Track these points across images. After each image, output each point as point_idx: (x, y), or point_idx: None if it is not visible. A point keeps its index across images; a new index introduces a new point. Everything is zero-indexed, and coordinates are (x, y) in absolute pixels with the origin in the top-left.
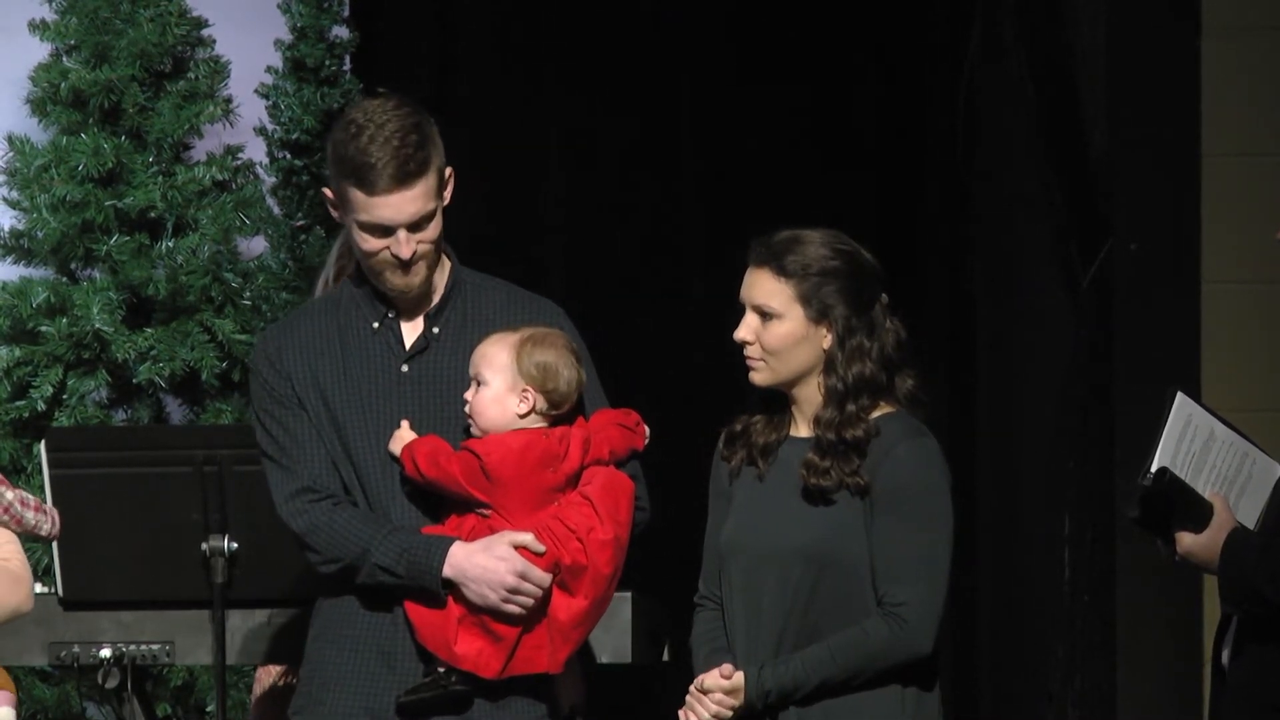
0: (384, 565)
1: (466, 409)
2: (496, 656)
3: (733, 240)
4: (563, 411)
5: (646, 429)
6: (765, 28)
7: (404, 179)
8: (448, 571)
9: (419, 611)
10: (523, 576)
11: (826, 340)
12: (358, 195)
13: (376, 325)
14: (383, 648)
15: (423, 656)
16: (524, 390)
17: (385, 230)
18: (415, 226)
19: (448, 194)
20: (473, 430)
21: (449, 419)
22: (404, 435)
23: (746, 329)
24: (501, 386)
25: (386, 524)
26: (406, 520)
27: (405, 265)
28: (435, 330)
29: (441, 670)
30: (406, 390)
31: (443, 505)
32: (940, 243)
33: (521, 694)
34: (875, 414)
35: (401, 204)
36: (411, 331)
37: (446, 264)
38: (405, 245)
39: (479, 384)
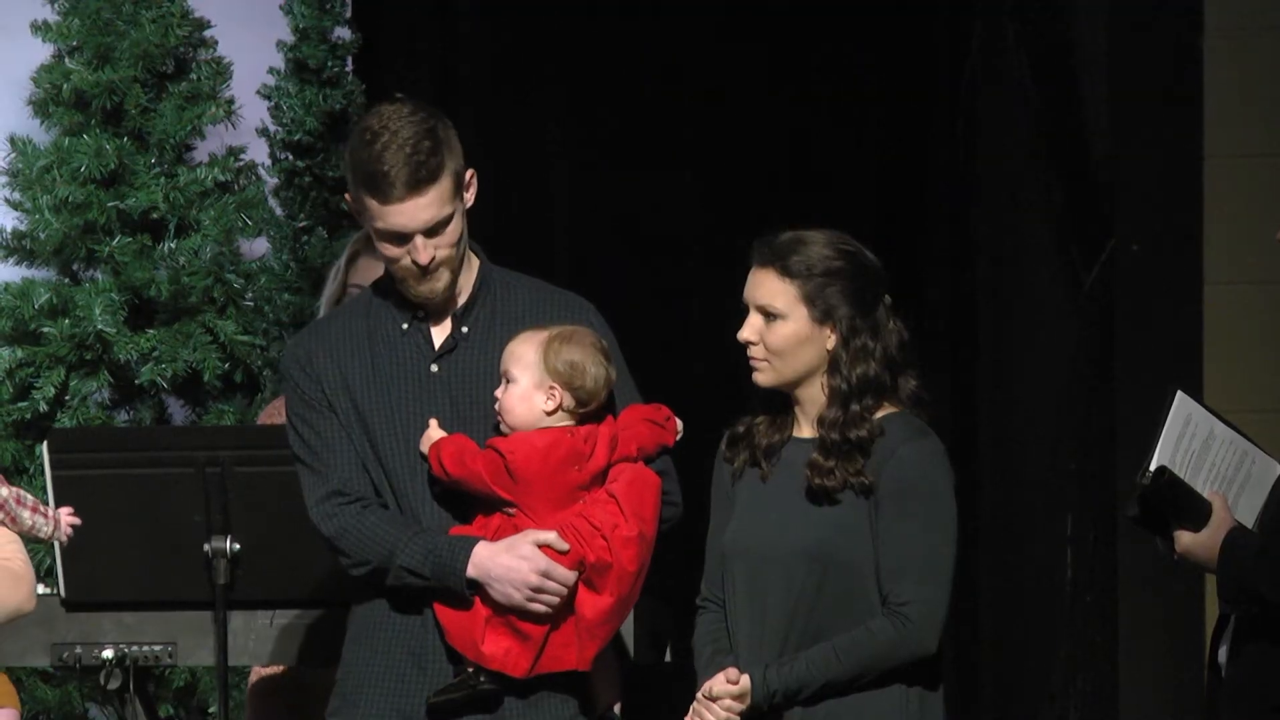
0: (409, 567)
1: (496, 406)
2: (524, 655)
3: (733, 241)
4: (590, 409)
5: (679, 423)
6: (767, 28)
7: (416, 186)
8: (471, 572)
9: (447, 612)
10: (546, 575)
11: (830, 341)
12: (373, 204)
13: (406, 326)
14: (413, 649)
15: (452, 657)
16: (551, 388)
17: (402, 237)
18: (432, 232)
19: (469, 196)
20: (502, 428)
21: (479, 418)
22: (433, 434)
23: (750, 329)
24: (529, 384)
25: (413, 526)
26: (436, 521)
27: (425, 271)
28: (464, 329)
29: (470, 670)
30: (436, 390)
31: (472, 505)
32: (941, 243)
33: (552, 691)
34: (879, 414)
35: (415, 211)
36: (440, 331)
37: (475, 262)
38: (423, 251)
39: (508, 381)
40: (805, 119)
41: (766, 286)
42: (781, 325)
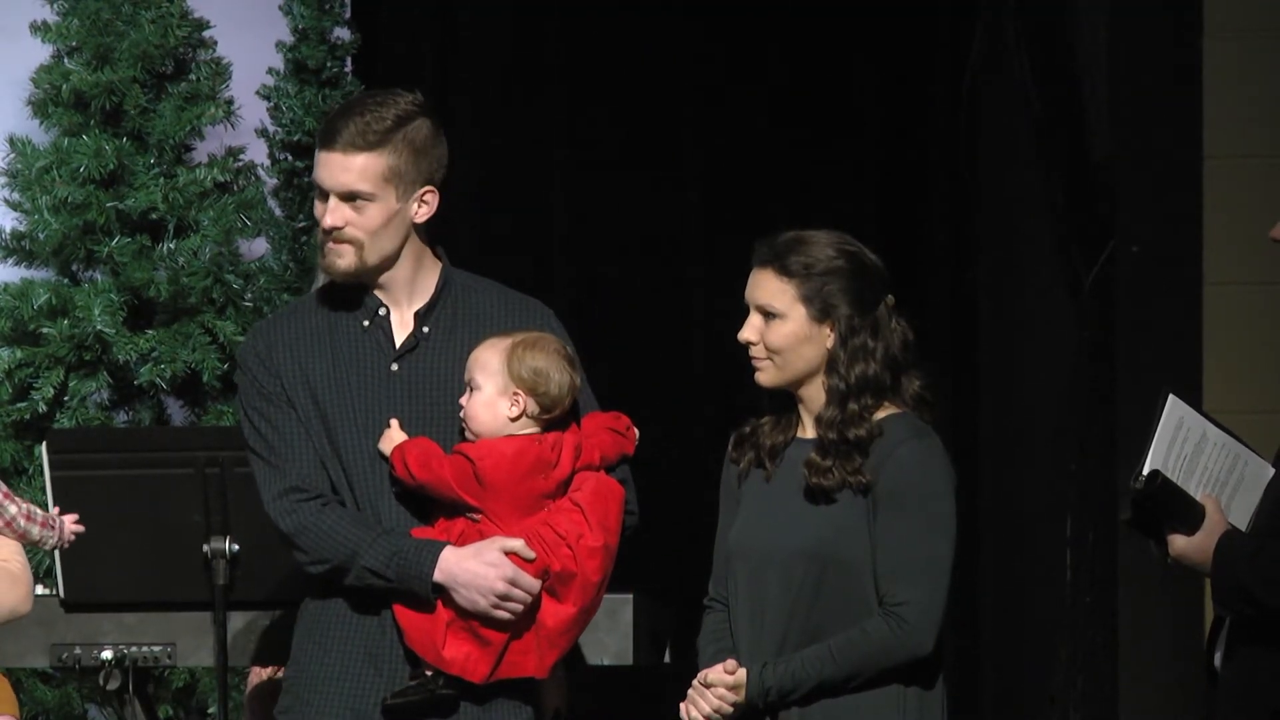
0: (373, 568)
1: (461, 414)
2: (484, 661)
3: (736, 242)
4: (554, 416)
5: (636, 432)
6: (768, 30)
7: (351, 145)
8: (438, 576)
9: (407, 615)
10: (512, 583)
11: (829, 340)
12: (316, 150)
13: (367, 324)
14: (370, 650)
15: (410, 659)
16: (514, 394)
17: (324, 194)
18: (348, 198)
19: (417, 209)
20: (467, 435)
21: (438, 418)
22: (394, 435)
23: (751, 329)
24: (493, 390)
25: (376, 526)
26: (395, 520)
27: (328, 235)
28: (425, 329)
29: (429, 674)
30: (396, 389)
31: (431, 507)
32: (942, 245)
33: (507, 698)
34: (880, 414)
35: (337, 168)
36: (401, 330)
37: (436, 264)
38: (330, 213)
39: (473, 389)
40: (806, 119)
41: (766, 286)
42: (780, 324)
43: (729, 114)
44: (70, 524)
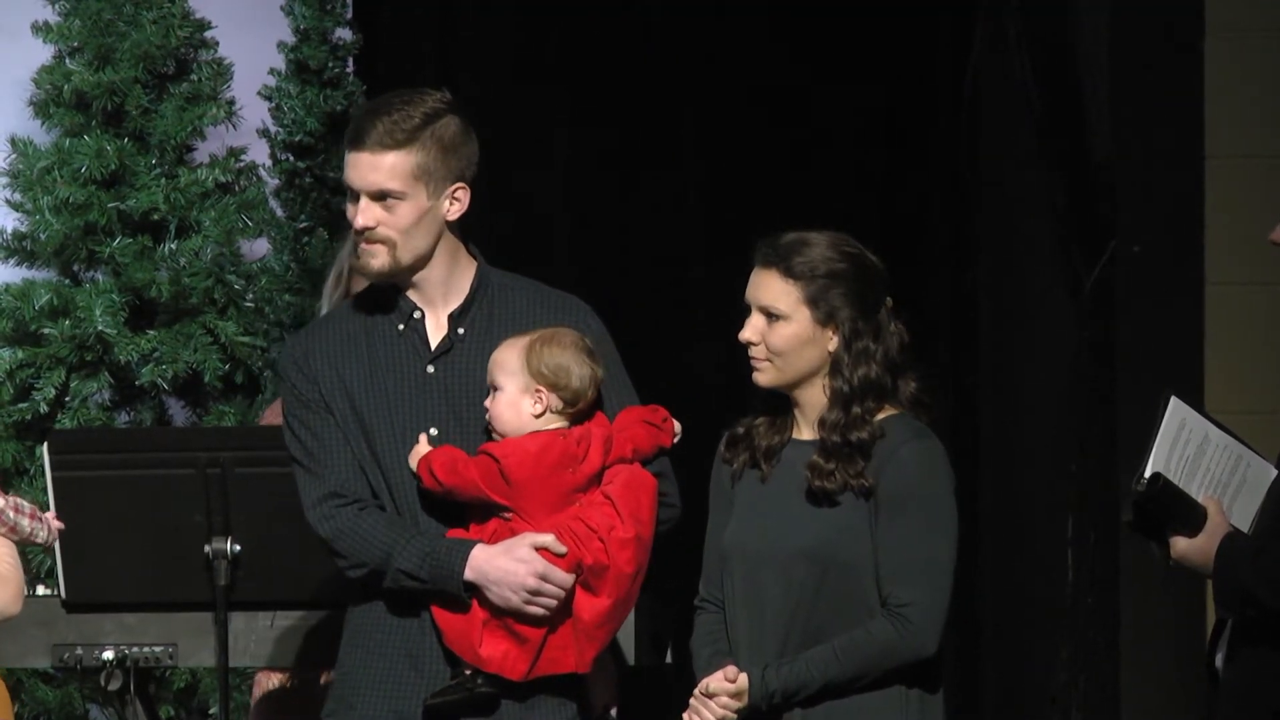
0: (406, 570)
1: (487, 416)
2: (522, 658)
3: (736, 242)
4: (579, 409)
5: (676, 425)
6: (767, 29)
7: (379, 145)
8: (469, 575)
9: (445, 615)
10: (544, 578)
11: (832, 343)
12: (346, 152)
13: (402, 327)
14: (410, 651)
15: (449, 659)
16: (536, 390)
17: (355, 195)
18: (378, 198)
19: (449, 207)
20: (493, 436)
21: (475, 419)
22: (421, 449)
23: (752, 330)
24: (515, 390)
25: (410, 528)
26: (433, 523)
27: (360, 236)
28: (460, 331)
29: (468, 673)
30: (432, 391)
31: (469, 507)
32: (942, 243)
33: (550, 694)
34: (879, 416)
35: (366, 168)
36: (437, 332)
37: (472, 263)
38: (361, 213)
39: (495, 390)
40: (806, 119)
41: (769, 287)
42: (783, 326)
43: (729, 114)
44: (53, 520)
